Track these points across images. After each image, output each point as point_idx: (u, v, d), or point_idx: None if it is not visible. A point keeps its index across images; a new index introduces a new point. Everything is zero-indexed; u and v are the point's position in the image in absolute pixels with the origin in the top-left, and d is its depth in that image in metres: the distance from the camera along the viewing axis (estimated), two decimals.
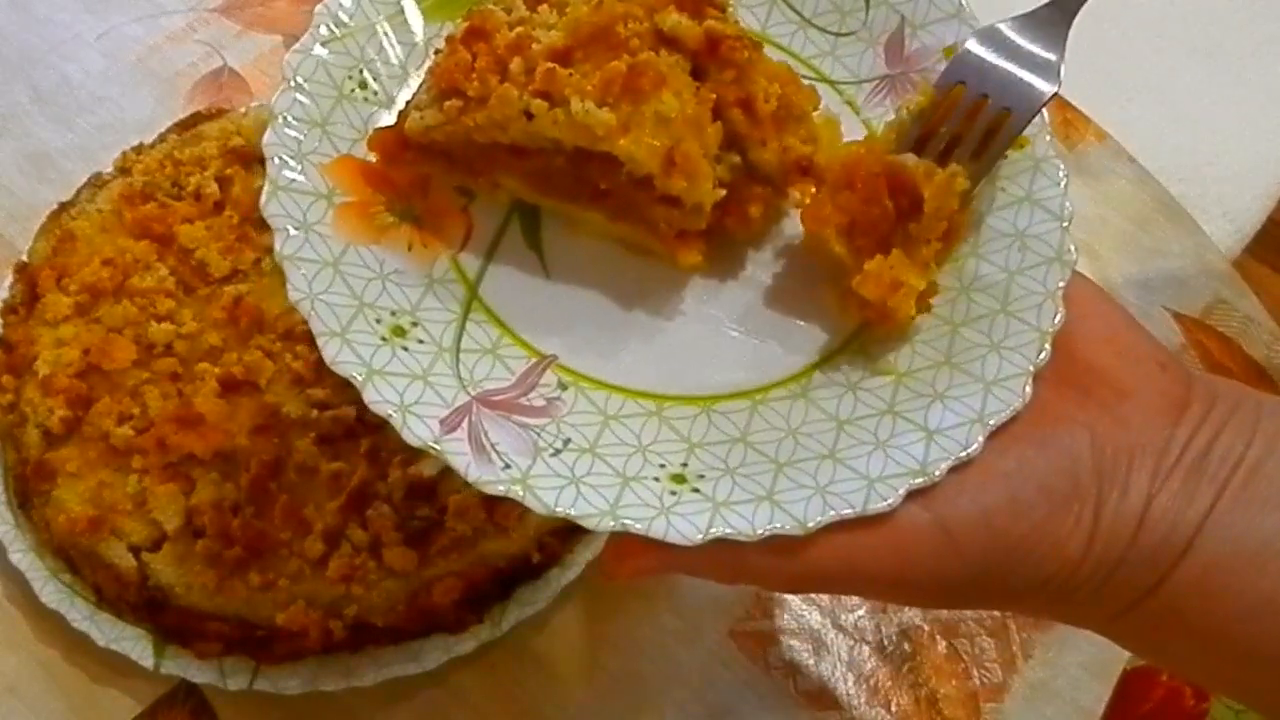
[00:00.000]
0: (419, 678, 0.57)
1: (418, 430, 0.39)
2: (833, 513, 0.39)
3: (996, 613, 0.63)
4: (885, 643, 0.62)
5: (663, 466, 0.41)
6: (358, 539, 0.57)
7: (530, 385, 0.42)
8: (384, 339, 0.41)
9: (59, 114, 0.79)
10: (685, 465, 0.41)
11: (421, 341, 0.42)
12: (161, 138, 0.71)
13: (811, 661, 0.62)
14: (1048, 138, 0.46)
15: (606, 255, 0.46)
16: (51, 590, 0.58)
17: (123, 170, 0.69)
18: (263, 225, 0.65)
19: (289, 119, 0.43)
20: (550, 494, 0.39)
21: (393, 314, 0.42)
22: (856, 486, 0.40)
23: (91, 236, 0.66)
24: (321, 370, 0.62)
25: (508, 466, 0.39)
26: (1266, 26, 1.14)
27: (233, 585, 0.56)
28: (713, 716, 0.60)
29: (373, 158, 0.44)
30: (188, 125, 0.71)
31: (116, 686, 0.58)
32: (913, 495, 0.39)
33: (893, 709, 0.61)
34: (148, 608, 0.57)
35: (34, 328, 0.63)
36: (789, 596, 0.63)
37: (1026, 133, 0.46)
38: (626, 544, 0.40)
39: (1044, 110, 0.46)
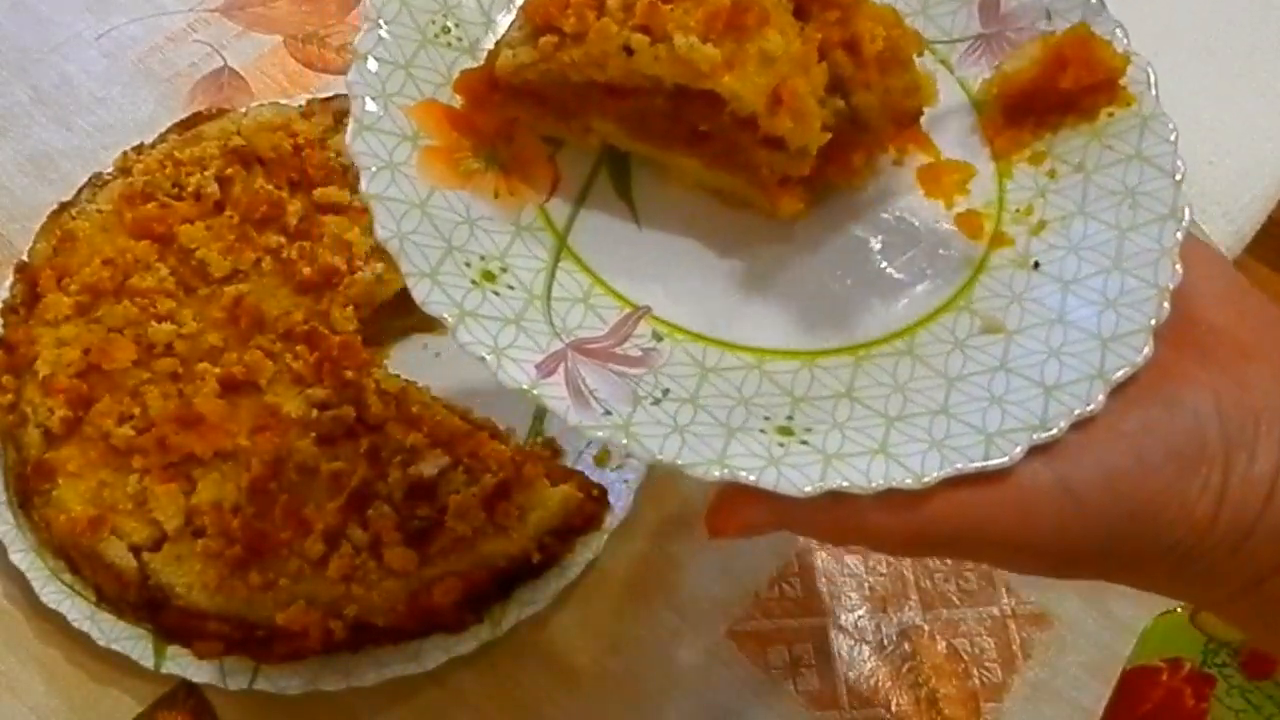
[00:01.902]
0: (419, 678, 0.57)
1: (514, 374, 0.37)
2: (952, 467, 0.37)
3: (996, 612, 0.63)
4: (885, 643, 0.62)
5: (767, 419, 0.39)
6: (358, 539, 0.57)
7: (624, 335, 0.41)
8: (474, 282, 0.40)
9: (59, 114, 0.79)
10: (790, 418, 0.39)
11: (511, 288, 0.40)
12: (162, 138, 0.71)
13: (812, 661, 0.62)
14: (1154, 94, 0.45)
15: (700, 205, 0.44)
16: (52, 590, 0.58)
17: (123, 170, 0.69)
18: (263, 225, 0.67)
19: (372, 59, 0.42)
20: (654, 441, 0.37)
21: (482, 259, 0.40)
22: (974, 441, 0.38)
23: (92, 236, 0.66)
24: (321, 370, 0.62)
25: (608, 413, 0.38)
26: (1266, 26, 1.14)
27: (233, 585, 0.56)
28: (713, 716, 0.60)
29: (458, 102, 0.43)
30: (188, 125, 0.72)
31: (116, 686, 0.58)
32: (1034, 453, 0.37)
33: (893, 709, 0.61)
34: (148, 608, 0.57)
35: (34, 328, 0.63)
36: (787, 596, 0.63)
37: (1132, 90, 0.45)
38: (736, 496, 0.39)
39: (1150, 70, 0.45)
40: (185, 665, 0.57)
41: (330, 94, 0.75)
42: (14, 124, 0.78)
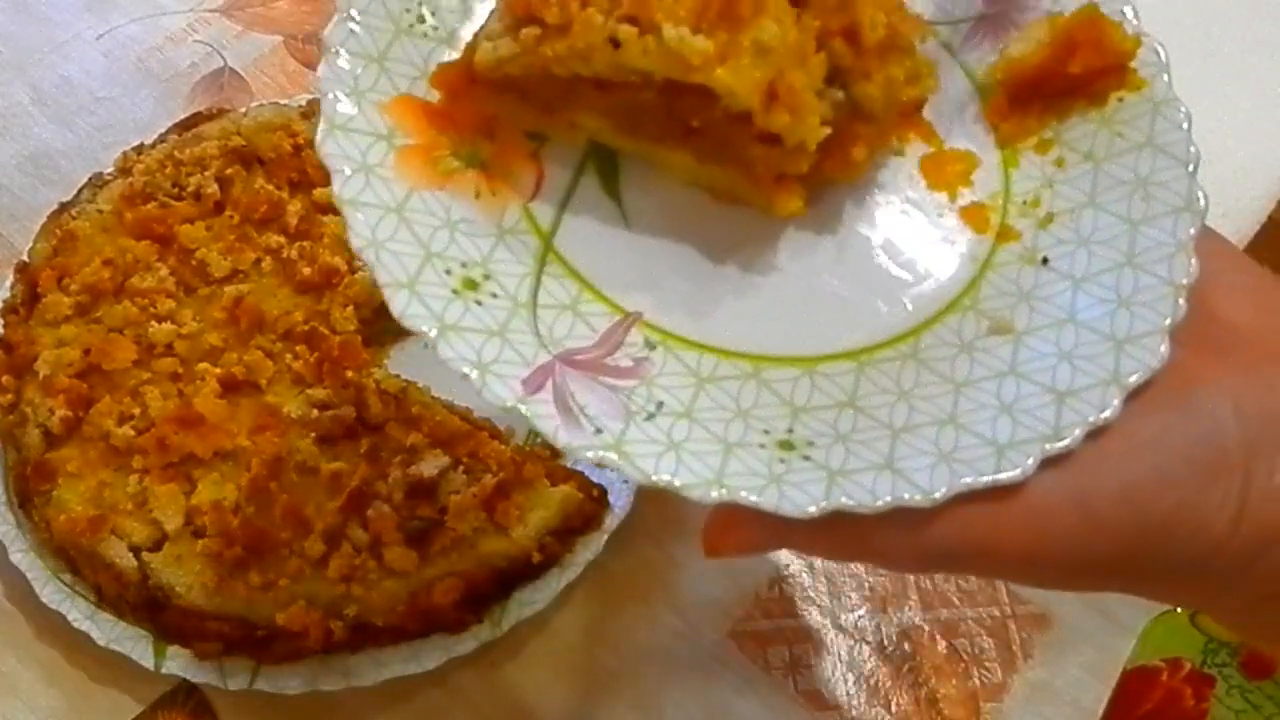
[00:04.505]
0: (419, 678, 0.57)
1: (499, 391, 0.36)
2: (963, 481, 0.35)
3: (996, 612, 0.63)
4: (885, 643, 0.62)
5: (767, 433, 0.37)
6: (358, 539, 0.57)
7: (615, 344, 0.39)
8: (455, 291, 0.38)
9: (59, 114, 0.79)
10: (791, 431, 0.38)
11: (495, 296, 0.38)
12: (162, 138, 0.71)
13: (811, 661, 0.62)
14: (1166, 78, 0.43)
15: (692, 204, 0.42)
16: (52, 590, 0.58)
17: (123, 170, 0.69)
18: (263, 225, 0.67)
19: (343, 52, 0.40)
20: (649, 461, 0.35)
21: (463, 265, 0.38)
22: (984, 453, 0.36)
23: (92, 237, 0.66)
24: (321, 370, 0.62)
25: (599, 431, 0.36)
26: (1266, 26, 1.14)
27: (233, 585, 0.56)
28: (713, 716, 0.60)
29: (435, 97, 0.40)
30: (188, 125, 0.72)
31: (116, 686, 0.58)
32: (1047, 465, 0.35)
33: (893, 709, 0.61)
34: (148, 608, 0.57)
35: (34, 328, 0.63)
36: (787, 596, 0.63)
37: (1143, 74, 0.43)
38: (733, 515, 0.37)
39: (1162, 51, 0.43)
40: (185, 665, 0.57)
41: None
42: (14, 124, 0.78)
